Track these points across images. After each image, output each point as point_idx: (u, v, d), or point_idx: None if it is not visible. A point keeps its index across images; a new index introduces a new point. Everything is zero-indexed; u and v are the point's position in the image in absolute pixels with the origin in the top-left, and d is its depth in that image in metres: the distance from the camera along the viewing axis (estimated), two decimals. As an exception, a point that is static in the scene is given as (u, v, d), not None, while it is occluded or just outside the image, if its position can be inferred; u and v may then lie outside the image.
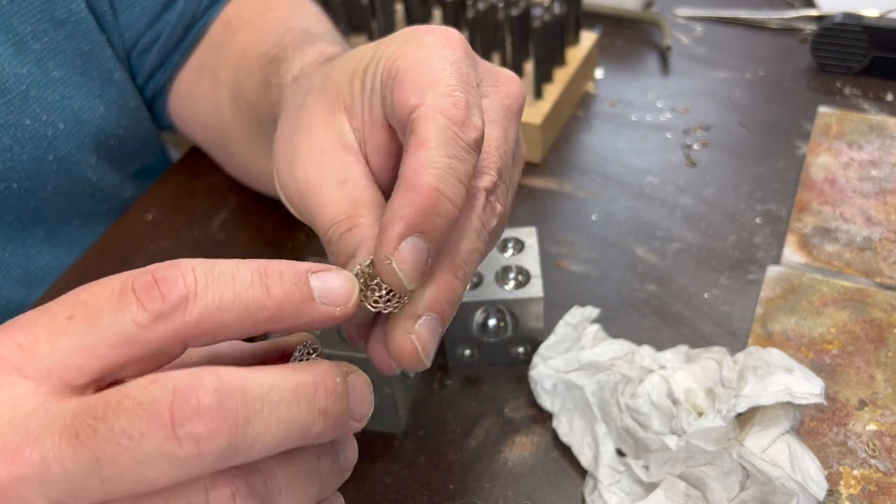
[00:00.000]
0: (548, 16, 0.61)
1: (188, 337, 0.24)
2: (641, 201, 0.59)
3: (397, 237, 0.26)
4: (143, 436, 0.21)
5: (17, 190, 0.53)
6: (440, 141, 0.27)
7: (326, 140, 0.32)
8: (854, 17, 0.68)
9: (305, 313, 0.25)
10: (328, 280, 0.26)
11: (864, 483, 0.41)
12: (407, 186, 0.27)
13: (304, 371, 0.24)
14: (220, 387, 0.22)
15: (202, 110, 0.59)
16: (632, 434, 0.41)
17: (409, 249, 0.26)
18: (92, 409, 0.22)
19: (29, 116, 0.51)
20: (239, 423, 0.22)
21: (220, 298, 0.24)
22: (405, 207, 0.27)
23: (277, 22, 0.53)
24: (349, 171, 0.32)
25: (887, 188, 0.57)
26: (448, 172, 0.27)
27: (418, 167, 0.27)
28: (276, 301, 0.24)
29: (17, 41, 0.50)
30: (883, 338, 0.48)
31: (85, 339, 0.23)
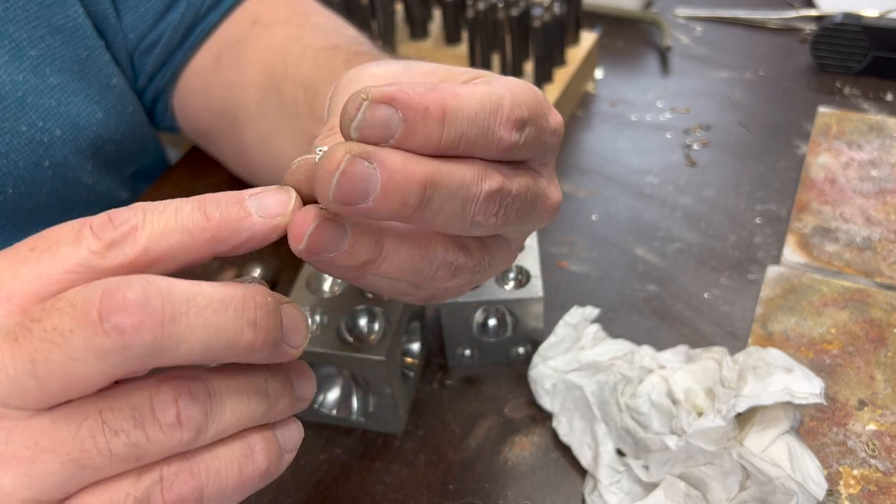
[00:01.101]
0: (548, 16, 0.61)
1: (138, 264, 0.25)
2: (641, 201, 0.59)
3: (384, 95, 0.24)
4: (72, 332, 0.22)
5: (12, 196, 0.53)
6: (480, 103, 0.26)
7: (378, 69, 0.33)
8: (854, 17, 0.68)
9: (246, 228, 0.27)
10: (265, 197, 0.27)
11: (864, 483, 0.41)
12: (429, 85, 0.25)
13: (233, 286, 0.26)
14: (147, 286, 0.23)
15: (218, 98, 0.59)
16: (632, 434, 0.41)
17: (382, 113, 0.24)
18: (31, 314, 0.23)
19: (25, 123, 0.51)
20: (164, 320, 0.23)
21: (164, 225, 0.26)
22: (412, 87, 0.25)
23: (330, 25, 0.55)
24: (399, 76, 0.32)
25: (887, 188, 0.57)
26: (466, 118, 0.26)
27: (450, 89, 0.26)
28: (215, 222, 0.26)
29: (14, 48, 0.50)
30: (883, 338, 0.48)
31: (44, 267, 0.25)
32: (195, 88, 0.60)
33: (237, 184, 0.62)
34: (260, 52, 0.56)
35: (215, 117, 0.60)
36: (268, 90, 0.54)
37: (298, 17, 0.57)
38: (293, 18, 0.57)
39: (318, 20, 0.56)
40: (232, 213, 0.27)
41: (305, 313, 0.27)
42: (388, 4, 0.68)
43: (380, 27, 0.69)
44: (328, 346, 0.42)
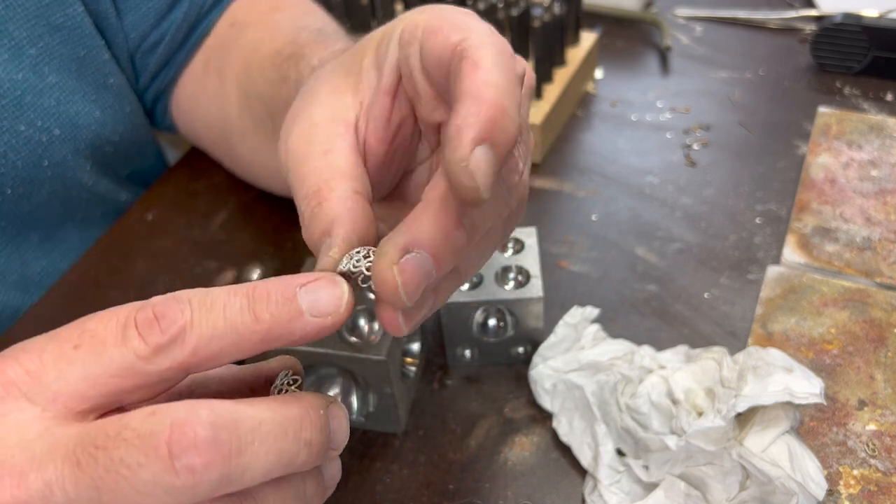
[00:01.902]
0: (548, 16, 0.61)
1: (187, 366, 0.25)
2: (641, 201, 0.59)
3: (471, 141, 0.24)
4: (140, 466, 0.22)
5: (11, 196, 0.53)
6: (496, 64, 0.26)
7: (321, 113, 0.32)
8: (854, 17, 0.68)
9: (298, 329, 0.26)
10: (317, 291, 0.26)
11: (864, 483, 0.41)
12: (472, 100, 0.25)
13: (290, 404, 0.25)
14: (215, 420, 0.23)
15: (207, 109, 0.59)
16: (632, 434, 0.41)
17: (483, 156, 0.25)
18: (93, 438, 0.23)
19: (24, 122, 0.51)
20: (232, 455, 0.23)
21: (213, 328, 0.25)
22: (473, 116, 0.25)
23: (288, 21, 0.53)
24: (334, 141, 0.31)
25: (887, 188, 0.57)
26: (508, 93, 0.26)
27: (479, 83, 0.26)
28: (265, 324, 0.25)
29: (13, 46, 0.50)
30: (883, 338, 0.48)
31: (90, 368, 0.24)
32: (188, 95, 0.60)
33: (237, 184, 0.62)
34: (234, 63, 0.55)
35: (207, 128, 0.60)
36: (242, 106, 0.54)
37: (266, 14, 0.56)
38: (261, 18, 0.56)
39: (280, 17, 0.54)
40: (283, 313, 0.26)
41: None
42: (388, 4, 0.68)
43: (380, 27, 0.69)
44: (328, 346, 0.42)
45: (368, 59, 0.33)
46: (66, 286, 0.56)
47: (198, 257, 0.57)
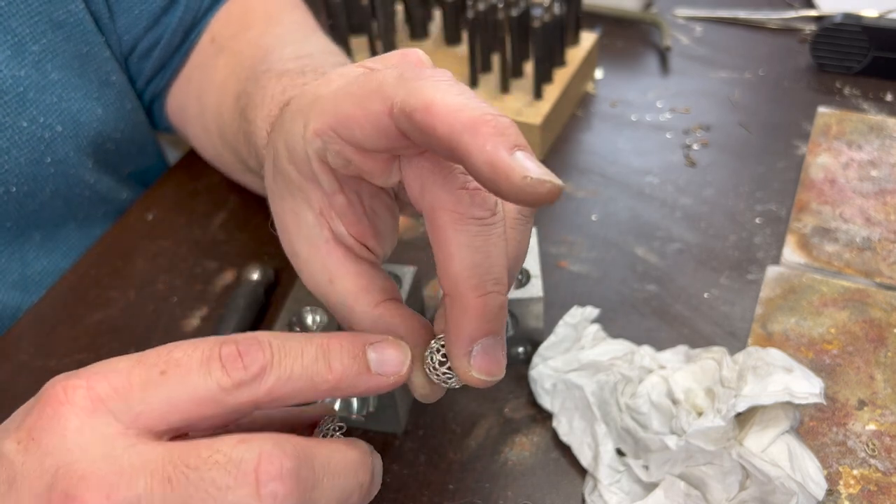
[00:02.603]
0: (548, 16, 0.61)
1: (261, 402, 0.27)
2: (641, 201, 0.59)
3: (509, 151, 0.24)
4: (229, 488, 0.24)
5: (15, 194, 0.53)
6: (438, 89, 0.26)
7: (301, 248, 0.33)
8: (853, 17, 0.68)
9: (362, 383, 0.28)
10: (384, 352, 0.29)
11: (864, 483, 0.41)
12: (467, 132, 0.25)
13: (352, 448, 0.28)
14: (298, 454, 0.25)
15: (193, 130, 0.59)
16: (632, 434, 0.41)
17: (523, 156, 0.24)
18: (185, 457, 0.25)
19: (26, 119, 0.51)
20: (308, 488, 0.25)
21: (290, 371, 0.27)
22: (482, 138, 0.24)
23: (249, 49, 0.53)
24: (330, 268, 0.32)
25: (887, 188, 0.58)
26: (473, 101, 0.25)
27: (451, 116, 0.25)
28: (337, 374, 0.28)
29: (16, 43, 0.50)
30: (882, 338, 0.48)
31: (174, 393, 0.26)
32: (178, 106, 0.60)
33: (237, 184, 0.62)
34: (212, 95, 0.55)
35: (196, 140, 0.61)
36: (221, 139, 0.54)
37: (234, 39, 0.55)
38: (231, 42, 0.55)
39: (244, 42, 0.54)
40: (353, 367, 0.28)
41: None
42: (388, 5, 0.68)
43: (380, 27, 0.69)
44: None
45: (294, 174, 0.31)
46: (66, 286, 0.56)
47: (198, 257, 0.57)
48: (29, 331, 0.53)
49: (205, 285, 0.55)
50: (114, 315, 0.54)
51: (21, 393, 0.28)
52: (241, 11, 0.57)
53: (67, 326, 0.53)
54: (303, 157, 0.30)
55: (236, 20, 0.57)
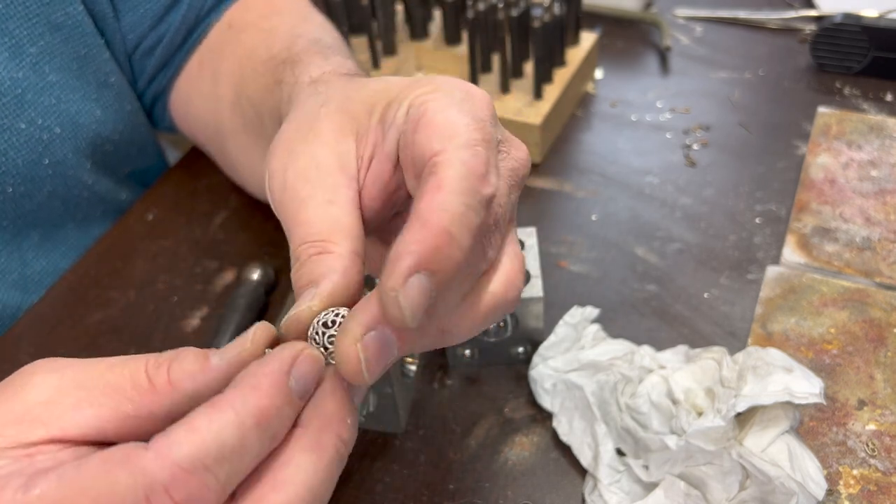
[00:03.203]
0: (548, 16, 0.61)
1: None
2: (641, 201, 0.59)
3: (406, 270, 0.26)
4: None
5: (12, 194, 0.53)
6: (458, 188, 0.27)
7: (327, 157, 0.32)
8: (853, 17, 0.68)
9: (297, 412, 0.27)
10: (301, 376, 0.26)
11: (864, 483, 0.41)
12: (420, 224, 0.26)
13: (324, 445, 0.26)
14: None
15: (201, 109, 0.59)
16: (632, 434, 0.41)
17: (416, 286, 0.26)
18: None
19: (24, 120, 0.51)
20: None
21: (243, 476, 0.25)
22: (415, 243, 0.26)
23: (285, 27, 0.52)
24: (339, 193, 0.31)
25: (887, 188, 0.58)
26: (462, 219, 0.27)
27: (434, 207, 0.27)
28: (282, 437, 0.26)
29: (14, 45, 0.50)
30: (882, 338, 0.48)
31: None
32: (183, 95, 0.60)
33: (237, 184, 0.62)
34: (229, 64, 0.55)
35: (202, 127, 0.60)
36: (234, 107, 0.53)
37: (263, 18, 0.55)
38: (259, 22, 0.55)
39: (277, 22, 0.54)
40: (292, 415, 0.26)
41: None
42: (388, 5, 0.68)
43: (380, 27, 0.69)
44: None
45: (376, 116, 0.33)
46: (66, 286, 0.56)
47: (198, 257, 0.57)
48: (29, 331, 0.53)
49: (205, 285, 0.55)
50: (114, 315, 0.54)
51: (21, 393, 0.28)
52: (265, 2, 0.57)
53: (67, 326, 0.53)
54: (391, 113, 0.31)
55: (260, 7, 0.57)
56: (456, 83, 0.32)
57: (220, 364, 0.27)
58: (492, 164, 0.29)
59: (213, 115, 0.57)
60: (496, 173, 0.29)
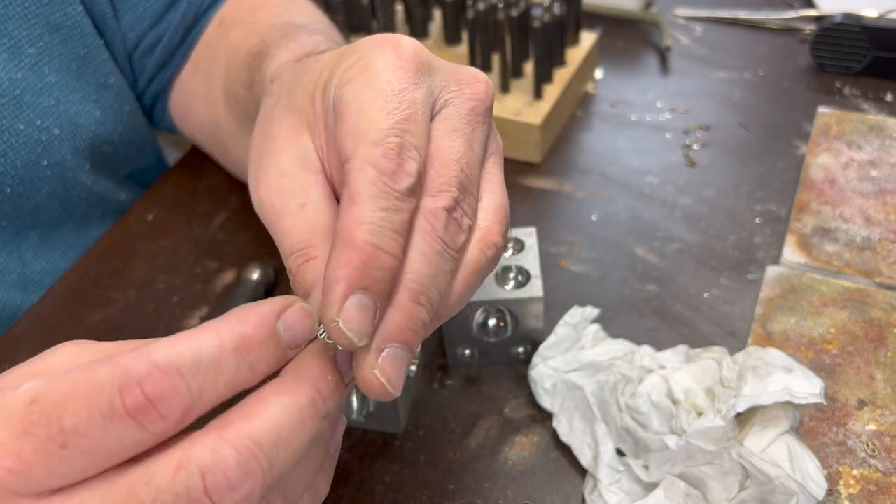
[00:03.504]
0: (548, 16, 0.61)
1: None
2: (641, 201, 0.59)
3: (340, 299, 0.26)
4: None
5: (10, 195, 0.53)
6: (371, 194, 0.27)
7: (288, 162, 0.32)
8: (853, 17, 0.68)
9: (284, 360, 0.27)
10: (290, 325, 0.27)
11: (864, 483, 0.41)
12: (343, 245, 0.27)
13: (298, 391, 0.26)
14: (240, 450, 0.24)
15: (198, 109, 0.59)
16: (632, 434, 0.41)
17: (354, 308, 0.26)
18: (139, 495, 0.23)
19: (23, 121, 0.51)
20: (265, 472, 0.24)
21: (215, 396, 0.25)
22: (343, 267, 0.27)
23: (267, 18, 0.52)
24: (309, 193, 0.32)
25: (887, 188, 0.58)
26: (381, 226, 0.27)
27: (352, 223, 0.27)
28: (262, 374, 0.26)
29: (12, 46, 0.50)
30: (882, 338, 0.48)
31: (86, 465, 0.24)
32: (182, 96, 0.60)
33: (237, 184, 0.62)
34: (219, 63, 0.55)
35: (200, 128, 0.60)
36: (227, 107, 0.53)
37: (251, 12, 0.55)
38: (246, 16, 0.55)
39: (262, 14, 0.54)
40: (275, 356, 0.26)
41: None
42: (388, 4, 0.68)
43: (380, 27, 0.69)
44: (328, 346, 0.42)
45: (317, 102, 0.32)
46: (65, 286, 0.56)
47: (198, 257, 0.57)
48: (29, 331, 0.53)
49: (205, 285, 0.55)
50: (114, 315, 0.54)
51: (21, 393, 0.28)
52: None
53: (67, 326, 0.53)
54: (328, 95, 0.31)
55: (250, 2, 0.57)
56: (381, 42, 0.31)
57: None
58: (408, 148, 0.29)
59: (211, 117, 0.57)
60: (416, 156, 0.29)
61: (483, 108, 0.32)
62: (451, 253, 0.30)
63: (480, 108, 0.32)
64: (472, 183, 0.31)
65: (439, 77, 0.32)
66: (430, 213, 0.29)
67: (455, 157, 0.30)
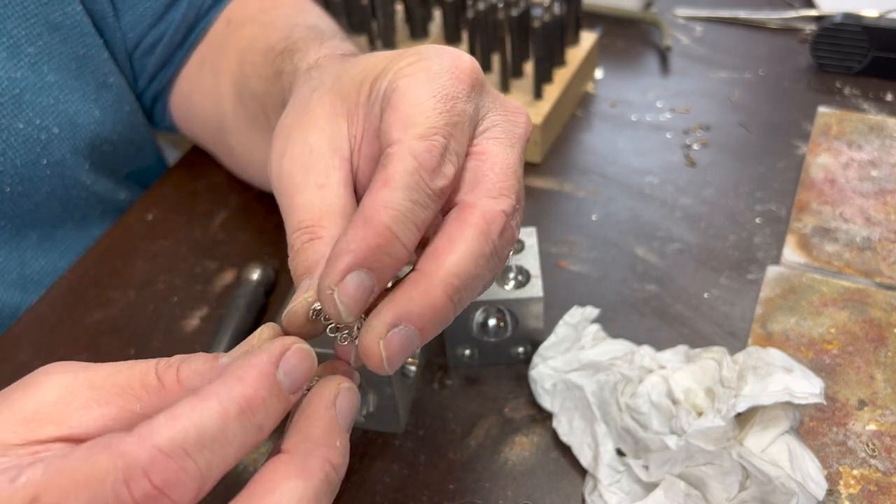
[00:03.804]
0: (548, 16, 0.61)
1: None
2: (641, 201, 0.59)
3: (343, 269, 0.26)
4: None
5: (10, 194, 0.53)
6: (405, 184, 0.28)
7: (319, 140, 0.32)
8: (854, 17, 0.68)
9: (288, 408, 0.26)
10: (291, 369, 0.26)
11: (864, 483, 0.41)
12: (362, 221, 0.27)
13: (310, 472, 0.25)
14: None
15: (202, 106, 0.59)
16: (632, 434, 0.41)
17: (353, 283, 0.26)
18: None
19: (22, 120, 0.51)
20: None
21: (224, 463, 0.24)
22: (356, 241, 0.26)
23: (283, 19, 0.52)
24: (330, 175, 0.32)
25: (887, 188, 0.58)
26: (406, 216, 0.27)
27: (377, 204, 0.27)
28: (269, 431, 0.25)
29: (11, 45, 0.50)
30: (882, 338, 0.48)
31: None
32: (184, 94, 0.60)
33: (237, 184, 0.62)
34: (230, 59, 0.55)
35: (203, 125, 0.60)
36: (237, 103, 0.53)
37: (261, 13, 0.55)
38: (257, 16, 0.55)
39: (275, 14, 0.54)
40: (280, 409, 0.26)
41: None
42: (388, 4, 0.68)
43: (380, 27, 0.69)
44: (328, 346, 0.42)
45: (364, 93, 0.33)
46: (65, 286, 0.56)
47: (198, 257, 0.57)
48: (29, 331, 0.53)
49: (205, 285, 0.55)
50: (114, 315, 0.54)
51: (21, 393, 0.28)
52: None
53: (67, 326, 0.53)
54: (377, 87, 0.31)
55: (258, 2, 0.57)
56: (442, 52, 0.32)
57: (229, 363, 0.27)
58: (451, 153, 0.29)
59: (215, 113, 0.57)
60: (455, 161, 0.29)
61: (524, 140, 0.32)
62: (497, 261, 0.29)
63: (523, 138, 0.32)
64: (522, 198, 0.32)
65: (488, 99, 0.32)
66: (489, 214, 0.29)
67: (514, 168, 0.31)
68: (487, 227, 0.29)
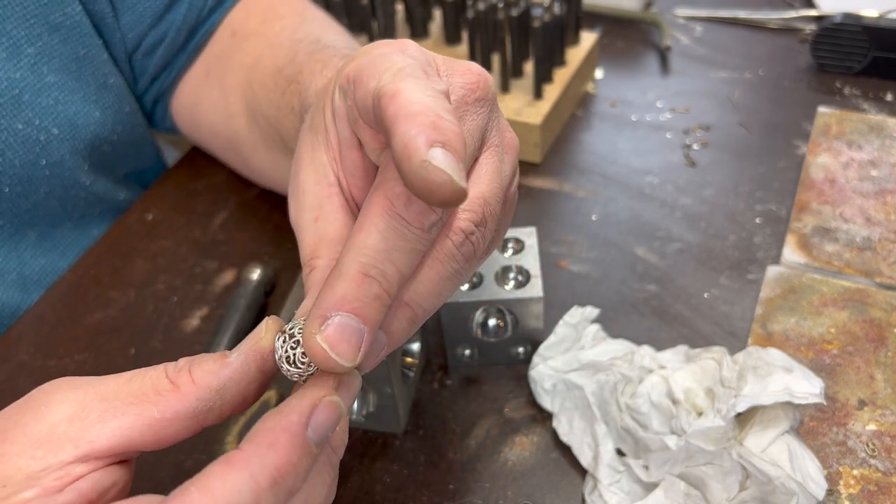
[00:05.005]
0: (548, 16, 0.61)
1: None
2: (641, 201, 0.59)
3: (426, 144, 0.24)
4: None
5: (8, 194, 0.53)
6: (415, 87, 0.26)
7: (307, 180, 0.33)
8: (854, 17, 0.68)
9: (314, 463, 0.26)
10: (320, 426, 0.26)
11: (864, 483, 0.41)
12: (405, 118, 0.25)
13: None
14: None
15: (210, 120, 0.59)
16: (632, 434, 0.41)
17: (442, 153, 0.24)
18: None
19: (21, 121, 0.51)
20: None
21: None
22: (415, 128, 0.25)
23: (286, 32, 0.53)
24: (323, 206, 0.32)
25: (887, 188, 0.58)
26: (437, 102, 0.26)
27: (405, 104, 0.26)
28: (298, 490, 0.25)
29: (11, 45, 0.50)
30: (883, 338, 0.48)
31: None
32: (190, 102, 0.60)
33: (237, 184, 0.62)
34: (236, 75, 0.55)
35: (213, 136, 0.60)
36: (250, 123, 0.54)
37: (264, 24, 0.56)
38: (260, 27, 0.56)
39: (279, 27, 0.54)
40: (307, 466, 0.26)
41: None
42: (388, 4, 0.68)
43: (380, 27, 0.69)
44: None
45: (328, 112, 0.33)
46: (65, 286, 0.56)
47: (198, 257, 0.57)
48: (29, 331, 0.53)
49: (205, 285, 0.55)
50: (114, 315, 0.54)
51: (21, 393, 0.28)
52: (265, 6, 0.57)
53: (67, 326, 0.53)
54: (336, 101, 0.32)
55: (260, 12, 0.57)
56: (381, 43, 0.31)
57: (239, 357, 0.28)
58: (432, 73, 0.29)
59: (226, 128, 0.57)
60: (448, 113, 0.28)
61: (473, 97, 0.31)
62: (415, 231, 0.28)
63: (470, 97, 0.31)
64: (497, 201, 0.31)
65: (435, 59, 0.32)
66: (390, 191, 0.28)
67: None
68: (389, 203, 0.28)
